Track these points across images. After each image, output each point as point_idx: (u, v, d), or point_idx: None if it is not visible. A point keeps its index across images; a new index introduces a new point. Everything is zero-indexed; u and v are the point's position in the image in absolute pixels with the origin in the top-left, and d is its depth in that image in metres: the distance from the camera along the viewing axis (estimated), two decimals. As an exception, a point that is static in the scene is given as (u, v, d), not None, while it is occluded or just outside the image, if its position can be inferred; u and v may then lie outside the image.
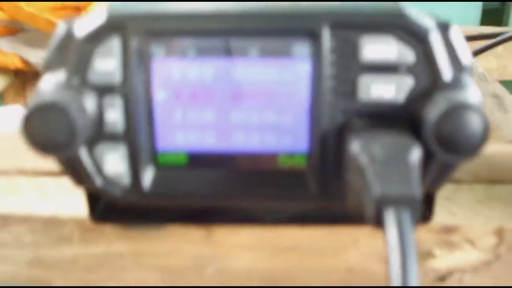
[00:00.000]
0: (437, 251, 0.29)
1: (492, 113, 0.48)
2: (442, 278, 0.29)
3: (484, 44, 0.54)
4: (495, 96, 0.51)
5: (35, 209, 0.30)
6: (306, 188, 0.24)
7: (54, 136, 0.21)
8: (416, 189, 0.19)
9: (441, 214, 0.29)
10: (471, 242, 0.29)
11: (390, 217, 0.18)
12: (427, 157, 0.22)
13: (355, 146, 0.21)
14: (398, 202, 0.19)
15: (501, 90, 0.52)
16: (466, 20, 0.80)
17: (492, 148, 0.37)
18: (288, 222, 0.28)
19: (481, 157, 0.35)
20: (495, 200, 0.31)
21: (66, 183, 0.32)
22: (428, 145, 0.21)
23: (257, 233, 0.29)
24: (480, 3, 0.80)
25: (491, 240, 0.29)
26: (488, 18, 0.81)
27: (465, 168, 0.34)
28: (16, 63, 0.61)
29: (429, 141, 0.21)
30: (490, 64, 0.68)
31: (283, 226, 0.29)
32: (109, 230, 0.29)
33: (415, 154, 0.21)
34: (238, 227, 0.29)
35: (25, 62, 0.62)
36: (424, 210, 0.27)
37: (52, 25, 0.58)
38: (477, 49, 0.55)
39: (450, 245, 0.29)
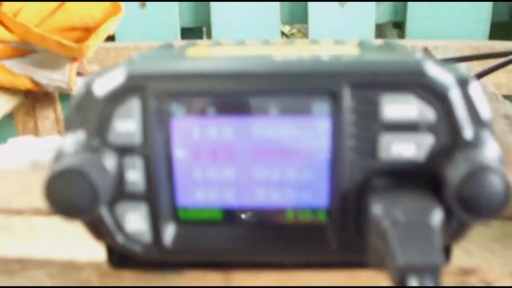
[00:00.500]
0: (456, 294, 0.29)
1: (504, 135, 0.47)
2: (462, 321, 0.29)
3: (495, 63, 0.54)
4: (507, 117, 0.51)
5: (52, 252, 0.30)
6: (327, 243, 0.24)
7: (76, 201, 0.21)
8: (438, 255, 0.19)
9: (457, 253, 0.29)
10: (488, 283, 0.29)
11: (413, 284, 0.19)
12: (447, 214, 0.22)
13: (377, 209, 0.21)
14: (421, 270, 0.19)
15: (513, 110, 0.51)
16: (475, 34, 0.80)
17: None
18: (307, 266, 0.28)
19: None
20: (510, 238, 0.31)
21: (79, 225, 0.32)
22: (449, 206, 0.21)
23: (275, 277, 0.29)
24: (489, 16, 0.80)
25: (509, 282, 0.29)
26: (497, 31, 0.81)
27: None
28: (26, 84, 0.62)
29: (451, 203, 0.21)
30: (499, 79, 0.67)
31: (301, 270, 0.29)
32: (127, 275, 0.29)
33: (437, 217, 0.21)
34: (256, 272, 0.29)
35: (35, 83, 0.62)
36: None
37: (61, 46, 0.58)
38: (489, 68, 0.54)
39: (469, 288, 0.29)
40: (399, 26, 0.92)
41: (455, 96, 0.22)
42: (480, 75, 0.55)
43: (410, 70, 0.22)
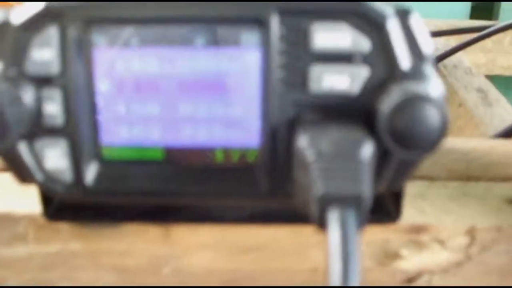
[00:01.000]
0: (405, 252, 0.28)
1: (476, 107, 0.46)
2: (410, 279, 0.28)
3: (472, 37, 0.53)
4: (480, 90, 0.50)
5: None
6: (256, 185, 0.22)
7: (-16, 129, 0.20)
8: (365, 188, 0.18)
9: (411, 212, 0.28)
10: (441, 242, 0.28)
11: (333, 218, 0.17)
12: (385, 154, 0.21)
13: (302, 141, 0.20)
14: (343, 201, 0.17)
15: (487, 84, 0.51)
16: (455, 15, 0.79)
17: (470, 143, 0.35)
18: (249, 221, 0.27)
19: (458, 152, 0.34)
20: (468, 198, 0.30)
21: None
22: (382, 140, 0.20)
23: (217, 232, 0.28)
24: (469, -3, 0.80)
25: (462, 240, 0.28)
26: (477, 12, 0.80)
27: (441, 164, 0.32)
28: None
29: (382, 136, 0.19)
30: (479, 59, 0.67)
31: (243, 225, 0.27)
32: (64, 228, 0.28)
33: (367, 150, 0.19)
34: (197, 226, 0.27)
35: None
36: (391, 209, 0.26)
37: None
38: (464, 42, 0.54)
39: (419, 245, 0.28)
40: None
41: (393, 26, 0.21)
42: (455, 49, 0.54)
43: (343, -3, 0.21)
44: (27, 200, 0.29)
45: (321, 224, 0.18)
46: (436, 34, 0.58)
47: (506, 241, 0.28)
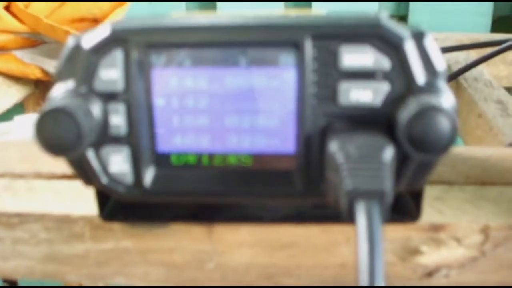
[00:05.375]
0: (425, 248, 0.31)
1: (495, 118, 0.48)
2: (430, 273, 0.31)
3: (493, 50, 0.55)
4: (499, 102, 0.52)
5: (49, 208, 0.32)
6: (293, 186, 0.26)
7: (63, 138, 0.23)
8: (387, 184, 0.21)
9: (431, 213, 0.31)
10: (458, 240, 0.31)
11: (360, 209, 0.20)
12: (404, 157, 0.24)
13: (333, 146, 0.23)
14: (368, 195, 0.21)
15: (506, 96, 0.53)
16: (476, 28, 0.81)
17: (487, 151, 0.38)
18: (284, 220, 0.30)
19: (475, 159, 0.37)
20: (483, 201, 0.32)
21: (78, 186, 0.34)
22: (401, 145, 0.23)
23: (255, 231, 0.31)
24: (490, 11, 0.81)
25: (477, 238, 0.31)
26: (498, 25, 0.82)
27: (459, 170, 0.35)
28: (37, 74, 0.64)
29: (401, 141, 0.23)
30: (501, 72, 0.68)
31: (280, 225, 0.30)
32: (117, 228, 0.31)
33: (388, 153, 0.22)
34: (237, 225, 0.31)
35: (45, 72, 0.65)
36: (412, 209, 0.29)
37: (71, 37, 0.61)
38: (485, 55, 0.55)
39: (438, 242, 0.31)
40: (401, 20, 0.94)
41: (409, 47, 0.24)
42: (476, 63, 0.56)
43: (367, 23, 0.24)
44: (83, 204, 0.32)
45: (350, 215, 0.21)
46: (457, 48, 0.60)
47: (517, 238, 0.30)
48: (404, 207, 0.29)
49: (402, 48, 0.24)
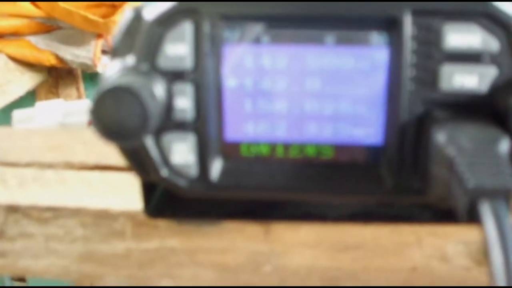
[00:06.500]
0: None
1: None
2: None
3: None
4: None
5: (84, 203, 0.29)
6: (381, 182, 0.23)
7: (126, 121, 0.20)
8: (509, 181, 0.18)
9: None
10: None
11: (486, 210, 0.18)
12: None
13: (441, 137, 0.20)
14: (493, 194, 0.18)
15: None
16: None
17: None
18: (350, 219, 0.27)
19: None
20: None
21: (112, 178, 0.31)
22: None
23: (317, 230, 0.28)
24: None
25: None
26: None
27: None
28: (51, 60, 0.61)
29: (516, 132, 0.20)
30: None
31: (344, 224, 0.28)
32: (162, 225, 0.28)
33: (504, 145, 0.20)
34: (297, 224, 0.28)
35: (60, 59, 0.62)
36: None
37: (88, 21, 0.58)
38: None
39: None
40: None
41: (521, 27, 0.21)
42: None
43: (475, -1, 0.21)
44: (120, 198, 0.29)
45: (471, 214, 0.18)
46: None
47: None
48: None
49: None
